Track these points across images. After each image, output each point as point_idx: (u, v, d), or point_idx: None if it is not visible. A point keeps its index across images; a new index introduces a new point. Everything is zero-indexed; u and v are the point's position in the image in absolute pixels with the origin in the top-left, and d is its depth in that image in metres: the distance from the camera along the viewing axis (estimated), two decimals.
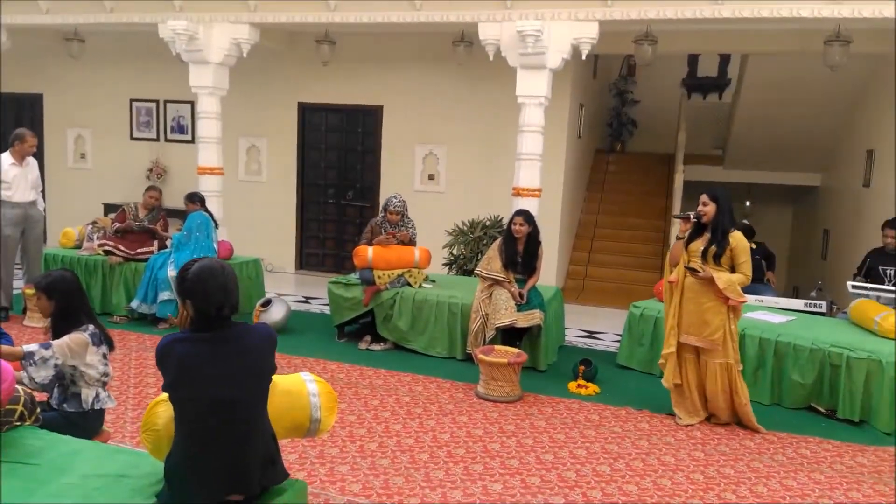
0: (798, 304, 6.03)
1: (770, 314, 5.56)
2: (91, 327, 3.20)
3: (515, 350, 5.10)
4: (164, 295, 6.21)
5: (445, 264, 7.05)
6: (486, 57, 6.88)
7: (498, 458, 3.93)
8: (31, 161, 6.28)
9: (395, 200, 5.91)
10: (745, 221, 7.56)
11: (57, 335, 3.14)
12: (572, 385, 5.19)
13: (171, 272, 6.20)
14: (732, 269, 4.27)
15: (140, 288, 6.33)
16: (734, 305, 4.28)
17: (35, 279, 3.36)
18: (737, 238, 4.26)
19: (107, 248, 6.58)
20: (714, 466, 3.95)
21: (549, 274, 7.95)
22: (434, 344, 5.77)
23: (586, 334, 6.92)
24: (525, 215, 5.56)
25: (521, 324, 5.33)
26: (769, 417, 4.72)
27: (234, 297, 2.35)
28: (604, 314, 7.73)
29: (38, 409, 2.89)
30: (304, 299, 7.76)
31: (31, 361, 2.95)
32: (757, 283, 6.76)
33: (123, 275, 6.54)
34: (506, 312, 5.31)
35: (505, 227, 5.66)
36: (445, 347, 5.74)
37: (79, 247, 7.00)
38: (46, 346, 3.00)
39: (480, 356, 4.90)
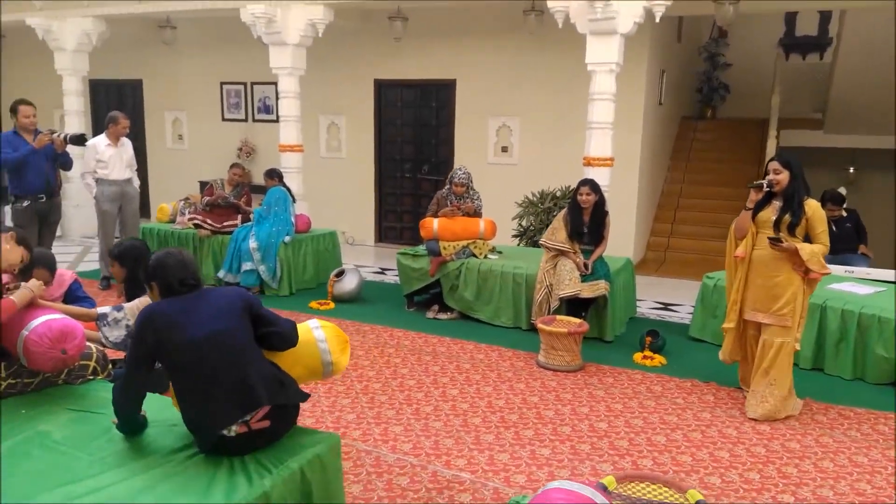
0: (891, 274, 5.61)
1: (857, 285, 5.22)
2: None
3: (577, 320, 5.06)
4: (247, 265, 6.57)
5: (515, 236, 7.03)
6: (556, 25, 6.74)
7: (550, 425, 3.94)
8: (126, 141, 6.77)
9: (459, 173, 5.95)
10: (841, 189, 7.07)
11: (129, 299, 3.42)
12: (637, 356, 5.10)
13: (253, 244, 6.56)
14: (806, 240, 4.02)
15: (226, 259, 6.72)
16: (814, 278, 4.04)
17: (110, 248, 3.65)
18: (812, 207, 3.99)
19: (196, 221, 7.02)
20: (779, 440, 3.80)
21: (624, 245, 7.79)
22: (499, 314, 5.81)
23: (661, 306, 6.74)
24: (591, 184, 5.47)
25: (586, 294, 5.28)
26: (850, 393, 4.48)
27: (193, 269, 2.57)
28: (684, 286, 7.48)
29: (110, 366, 3.18)
30: (380, 270, 7.97)
31: (105, 322, 3.23)
32: (848, 254, 6.35)
33: (211, 247, 6.95)
34: (570, 283, 5.27)
35: (571, 196, 5.58)
36: (510, 317, 5.76)
37: (173, 221, 7.49)
38: (118, 309, 3.28)
39: (540, 325, 4.90)
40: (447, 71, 8.71)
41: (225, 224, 6.96)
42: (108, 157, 6.55)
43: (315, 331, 2.80)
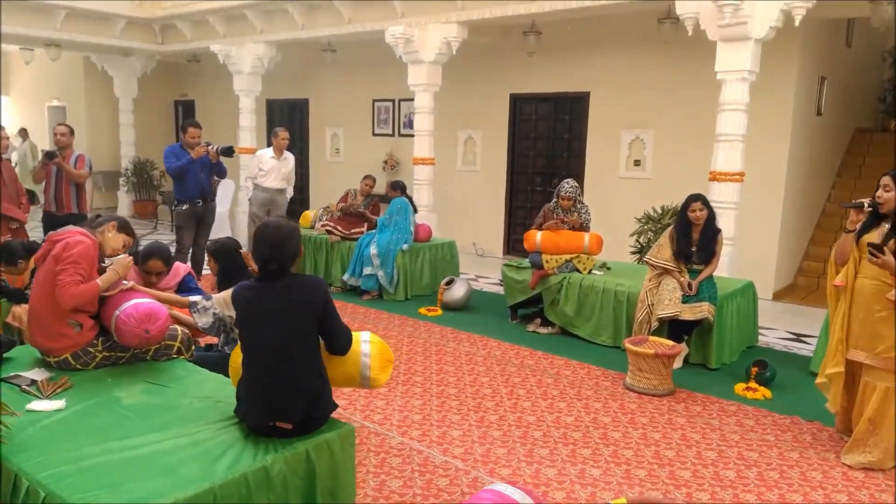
0: None
1: None
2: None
3: (669, 342, 4.81)
4: (368, 270, 7.01)
5: (633, 252, 6.80)
6: (695, 34, 6.47)
7: (612, 447, 3.82)
8: (289, 156, 7.60)
9: (566, 186, 5.91)
10: None
11: (221, 290, 3.86)
12: (739, 387, 4.73)
13: (373, 250, 6.99)
14: None
15: (350, 263, 7.22)
16: None
17: (207, 245, 4.15)
18: None
19: (328, 228, 7.61)
20: (869, 490, 3.37)
21: (760, 268, 7.24)
22: (599, 331, 5.66)
23: (792, 337, 6.16)
24: (702, 199, 5.18)
25: (686, 316, 5.00)
26: None
27: (283, 254, 2.68)
28: None
29: (193, 347, 3.62)
30: (499, 282, 8.07)
31: (195, 309, 3.66)
32: None
33: (340, 251, 7.50)
34: (670, 303, 5.03)
35: (679, 212, 5.31)
36: (610, 336, 5.60)
37: (313, 227, 8.18)
38: (208, 298, 3.71)
39: (627, 345, 4.74)
40: (581, 83, 8.64)
41: (353, 231, 7.47)
42: (268, 167, 7.40)
43: (363, 344, 2.91)
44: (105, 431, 2.63)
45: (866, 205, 3.58)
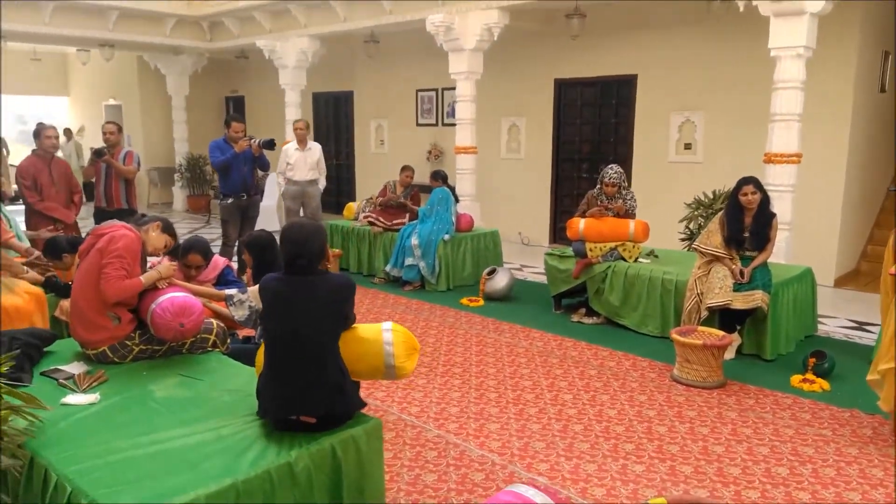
0: None
1: None
2: None
3: (719, 333, 4.60)
4: (409, 261, 6.97)
5: (683, 239, 6.55)
6: (746, 11, 6.17)
7: (657, 442, 3.66)
8: (313, 146, 7.57)
9: (610, 171, 5.72)
10: None
11: (256, 283, 3.86)
12: (796, 379, 4.49)
13: (414, 241, 6.93)
14: None
15: (392, 254, 7.18)
16: None
17: (241, 238, 4.16)
18: None
19: (370, 219, 7.60)
20: None
21: (821, 253, 6.90)
22: (646, 321, 5.47)
23: (855, 325, 5.83)
24: (755, 182, 4.92)
25: (738, 305, 4.78)
26: None
27: (309, 250, 2.65)
28: None
29: (229, 340, 3.63)
30: (543, 271, 7.90)
31: (231, 302, 3.68)
32: None
33: (383, 242, 7.47)
34: (720, 292, 4.81)
35: (730, 196, 5.06)
36: (658, 326, 5.41)
37: (356, 218, 8.18)
38: (243, 291, 3.73)
39: (674, 336, 4.55)
40: (627, 66, 8.37)
41: (395, 222, 7.44)
42: (294, 160, 7.38)
43: (385, 333, 2.84)
44: (135, 425, 2.64)
45: None
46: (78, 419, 2.69)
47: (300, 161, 7.44)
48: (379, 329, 2.81)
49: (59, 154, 6.59)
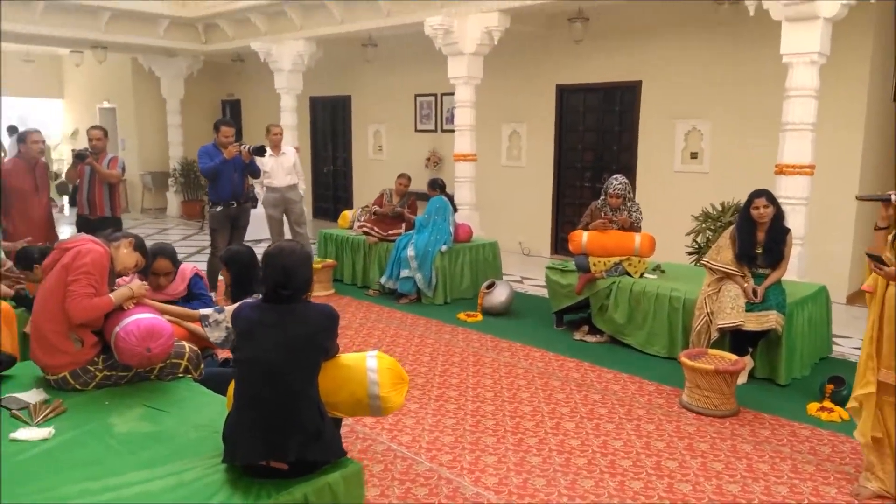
0: None
1: None
2: (261, 296, 3.57)
3: (732, 357, 4.32)
4: (405, 272, 6.69)
5: (690, 253, 6.27)
6: (756, 15, 5.91)
7: (667, 479, 3.38)
8: (287, 150, 7.34)
9: (615, 182, 5.45)
10: None
11: (234, 301, 3.58)
12: (813, 407, 4.21)
13: (410, 252, 6.66)
14: None
15: (388, 265, 6.91)
16: None
17: (221, 254, 3.88)
18: None
19: (365, 229, 7.33)
20: None
21: (834, 268, 6.61)
22: (652, 341, 5.19)
23: None
24: (767, 195, 4.65)
25: (750, 327, 4.49)
26: None
27: (296, 279, 2.39)
28: None
29: (202, 365, 3.35)
30: (544, 284, 7.63)
31: (207, 323, 3.41)
32: None
33: (378, 253, 7.20)
34: (732, 312, 4.53)
35: (742, 210, 4.79)
36: (665, 346, 5.13)
37: (351, 227, 7.90)
38: (219, 311, 3.44)
39: (683, 359, 4.26)
40: (632, 72, 8.11)
41: (390, 232, 7.16)
42: (269, 166, 7.11)
43: (369, 360, 2.62)
44: (88, 467, 2.36)
45: (894, 197, 3.03)
46: (26, 458, 2.43)
47: (276, 167, 7.18)
48: (363, 357, 2.54)
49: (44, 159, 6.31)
